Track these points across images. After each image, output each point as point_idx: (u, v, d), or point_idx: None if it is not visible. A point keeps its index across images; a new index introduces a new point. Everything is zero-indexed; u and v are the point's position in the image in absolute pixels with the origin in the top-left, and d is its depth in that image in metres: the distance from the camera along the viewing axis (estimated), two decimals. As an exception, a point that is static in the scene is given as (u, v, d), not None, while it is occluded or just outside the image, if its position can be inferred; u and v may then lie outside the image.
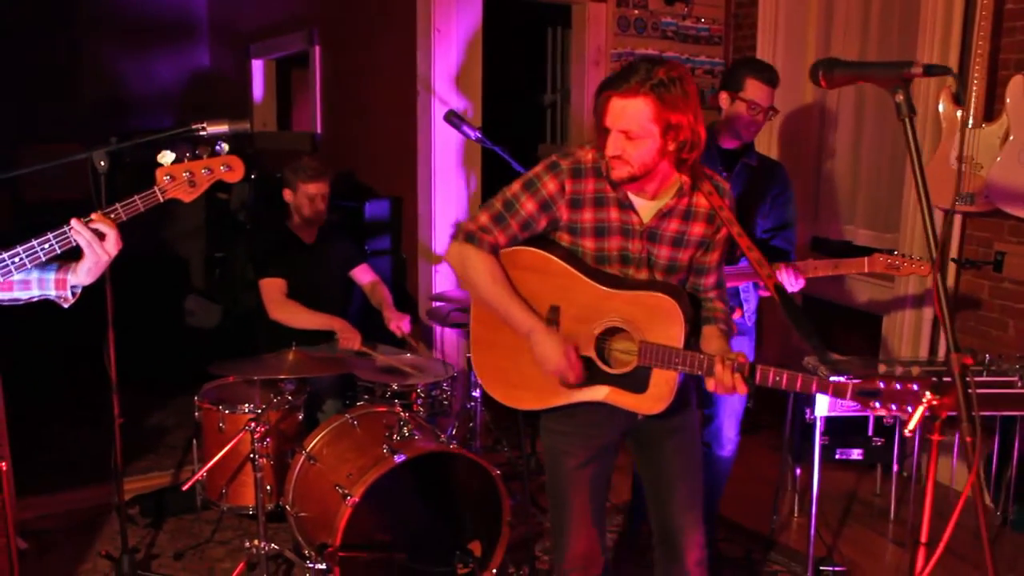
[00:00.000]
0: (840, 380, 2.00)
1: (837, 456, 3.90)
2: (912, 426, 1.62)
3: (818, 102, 5.07)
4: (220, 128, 2.58)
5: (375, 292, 4.05)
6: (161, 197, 2.13)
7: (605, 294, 2.21)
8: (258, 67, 7.44)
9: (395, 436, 3.02)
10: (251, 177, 5.88)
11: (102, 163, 2.71)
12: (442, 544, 3.07)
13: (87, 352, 3.33)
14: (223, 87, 8.16)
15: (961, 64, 3.96)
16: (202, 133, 2.57)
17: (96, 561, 3.41)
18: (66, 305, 2.15)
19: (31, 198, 6.46)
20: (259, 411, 3.16)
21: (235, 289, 5.91)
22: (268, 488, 3.27)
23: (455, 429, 3.98)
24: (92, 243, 2.01)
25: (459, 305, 3.90)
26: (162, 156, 2.15)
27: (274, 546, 3.13)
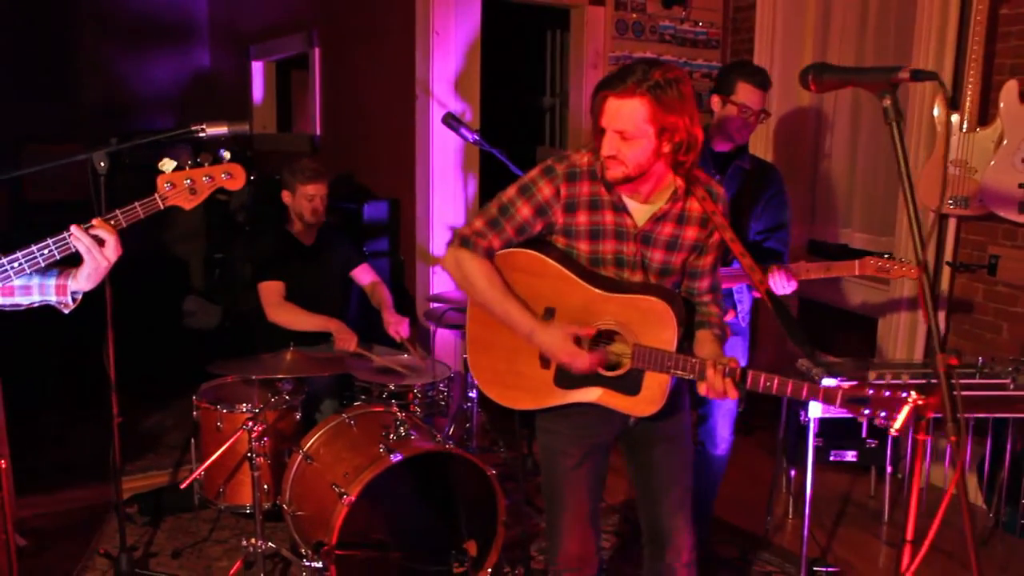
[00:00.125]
0: (830, 387, 2.04)
1: (831, 458, 3.92)
2: (898, 426, 1.65)
3: (815, 106, 5.09)
4: (219, 130, 2.61)
5: (375, 293, 4.08)
6: (162, 204, 2.15)
7: (599, 297, 2.23)
8: (258, 69, 7.46)
9: (392, 436, 3.04)
10: (250, 179, 5.90)
11: (102, 164, 2.73)
12: (438, 543, 3.08)
13: (86, 352, 3.35)
14: (223, 89, 8.19)
15: (956, 69, 3.98)
16: (201, 135, 2.60)
17: (94, 559, 3.43)
18: (67, 311, 2.17)
19: (32, 198, 6.48)
20: (257, 411, 3.18)
21: (234, 290, 5.95)
22: (265, 487, 3.29)
23: (452, 429, 4.00)
24: (92, 249, 2.02)
25: (456, 306, 3.93)
26: (163, 164, 2.17)
27: (271, 545, 3.15)
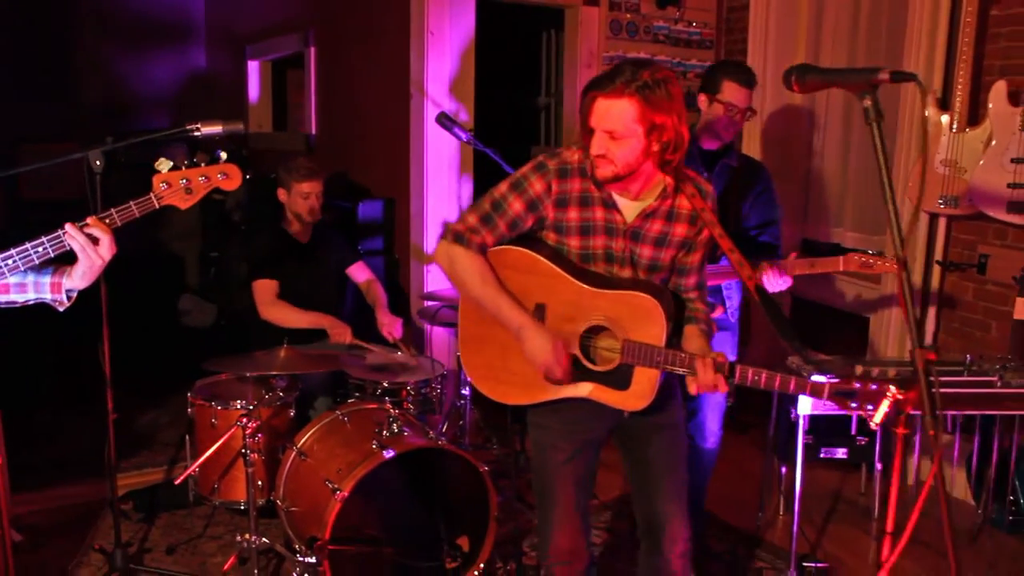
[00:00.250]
0: (817, 380, 2.06)
1: (821, 455, 3.95)
2: (878, 419, 1.68)
3: (807, 105, 5.12)
4: (214, 129, 2.62)
5: (371, 291, 4.10)
6: (157, 204, 2.16)
7: (589, 293, 2.26)
8: (254, 68, 7.49)
9: (385, 432, 3.07)
10: (246, 178, 5.92)
11: (98, 163, 2.75)
12: (430, 539, 3.11)
13: (82, 349, 3.37)
14: (220, 88, 8.21)
15: (947, 69, 4.01)
16: (196, 134, 2.61)
17: (90, 555, 3.45)
18: (61, 309, 2.18)
19: (28, 196, 6.50)
20: (251, 407, 3.21)
21: (230, 289, 5.97)
22: (259, 483, 3.31)
23: (445, 427, 4.03)
24: (86, 247, 2.04)
25: (450, 303, 3.95)
26: (159, 163, 2.19)
27: (265, 540, 3.16)
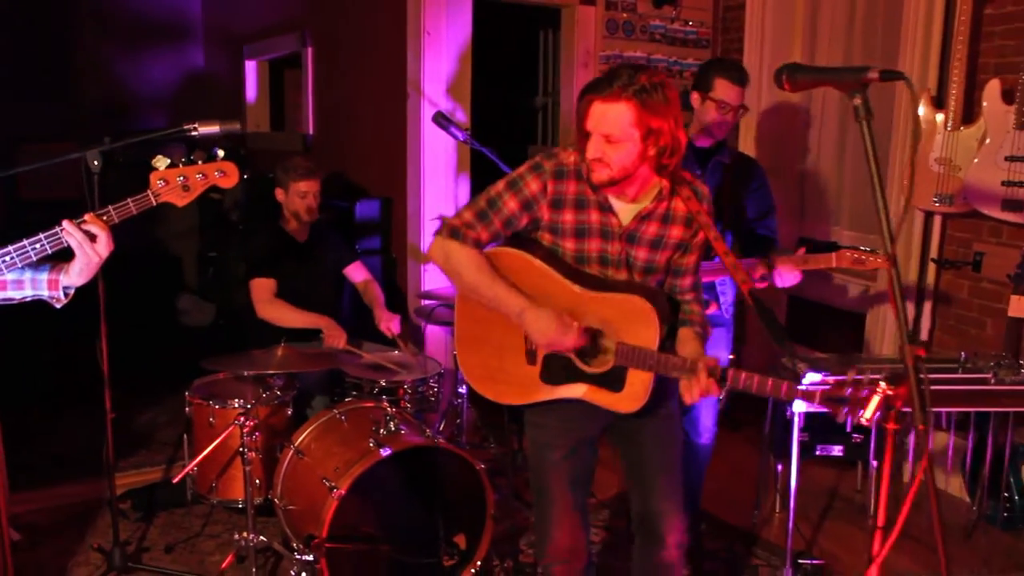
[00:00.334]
0: (808, 386, 2.09)
1: (817, 452, 3.96)
2: (868, 415, 1.70)
3: (804, 104, 5.14)
4: (211, 129, 2.63)
5: (368, 290, 4.12)
6: (154, 201, 2.18)
7: (583, 296, 2.27)
8: (251, 68, 7.50)
9: (382, 431, 3.08)
10: (244, 177, 5.94)
11: (95, 162, 2.77)
12: (428, 536, 3.12)
13: (80, 348, 3.38)
14: (217, 88, 8.22)
15: (941, 68, 4.03)
16: (193, 133, 2.63)
17: (88, 554, 3.46)
18: (58, 305, 2.20)
19: (27, 196, 6.51)
20: (249, 406, 3.22)
21: (228, 288, 5.98)
22: (257, 482, 3.32)
23: (442, 425, 4.04)
24: (83, 244, 2.05)
25: (447, 302, 3.96)
26: (156, 160, 2.20)
27: (263, 539, 3.18)
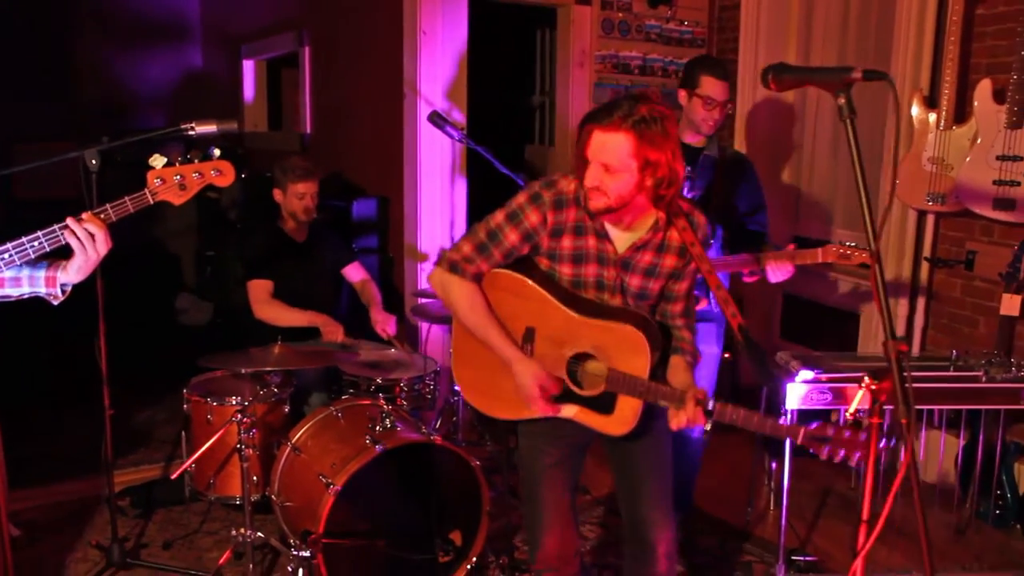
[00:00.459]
0: (791, 425, 2.21)
1: (811, 450, 3.98)
2: (851, 410, 1.73)
3: (799, 103, 5.17)
4: (208, 128, 2.66)
5: (365, 290, 4.14)
6: (151, 199, 2.21)
7: (577, 321, 2.31)
8: (249, 68, 7.52)
9: (378, 428, 3.11)
10: (242, 176, 5.97)
11: (93, 161, 2.79)
12: (423, 533, 3.15)
13: (79, 346, 3.41)
14: (215, 87, 8.25)
15: (934, 68, 4.06)
16: (191, 133, 2.65)
17: (87, 551, 3.49)
18: (56, 303, 2.22)
19: (22, 196, 6.54)
20: (246, 403, 3.24)
21: (226, 287, 6.00)
22: (254, 478, 3.35)
23: (439, 423, 4.07)
24: (85, 242, 2.09)
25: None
26: (154, 159, 2.23)
27: (260, 535, 3.21)
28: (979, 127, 3.74)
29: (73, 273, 2.15)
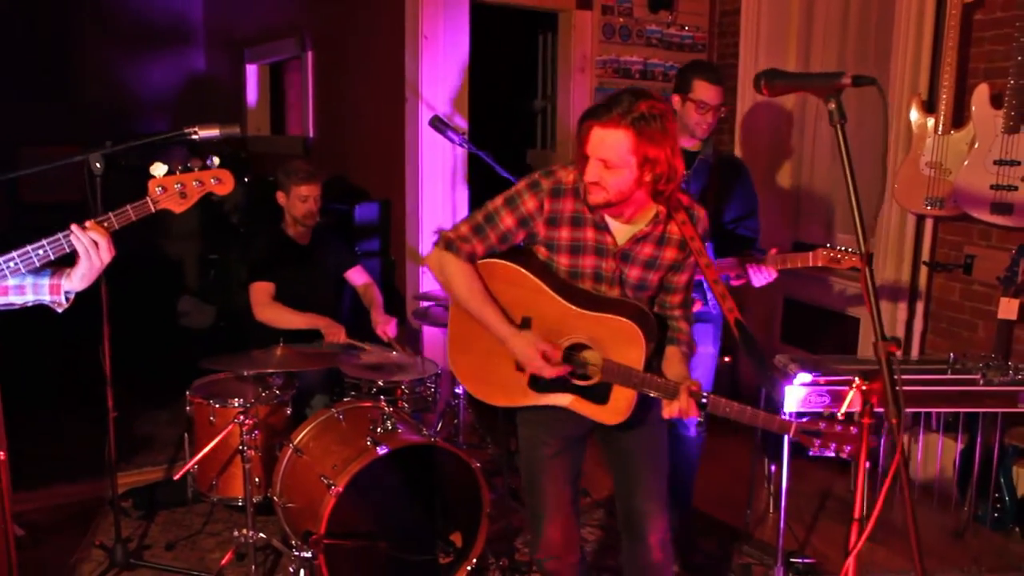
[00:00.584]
0: (785, 419, 2.24)
1: (810, 453, 3.99)
2: (843, 410, 1.75)
3: (799, 108, 5.19)
4: (211, 132, 2.68)
5: (367, 294, 4.17)
6: (152, 208, 2.23)
7: (573, 312, 2.33)
8: (252, 72, 7.55)
9: (379, 429, 3.13)
10: (244, 180, 6.01)
11: (97, 165, 2.82)
12: (424, 534, 3.17)
13: (83, 349, 3.43)
14: (218, 91, 8.28)
15: (932, 72, 4.08)
16: (194, 137, 2.67)
17: (91, 551, 3.51)
18: (60, 310, 2.24)
19: (28, 199, 6.57)
20: (248, 405, 3.27)
21: (229, 290, 6.03)
22: (257, 480, 3.38)
23: (440, 425, 4.09)
24: (89, 249, 2.11)
25: (444, 304, 4.01)
26: (154, 168, 2.25)
27: (262, 536, 3.23)
28: (977, 132, 3.76)
29: (77, 280, 2.17)
